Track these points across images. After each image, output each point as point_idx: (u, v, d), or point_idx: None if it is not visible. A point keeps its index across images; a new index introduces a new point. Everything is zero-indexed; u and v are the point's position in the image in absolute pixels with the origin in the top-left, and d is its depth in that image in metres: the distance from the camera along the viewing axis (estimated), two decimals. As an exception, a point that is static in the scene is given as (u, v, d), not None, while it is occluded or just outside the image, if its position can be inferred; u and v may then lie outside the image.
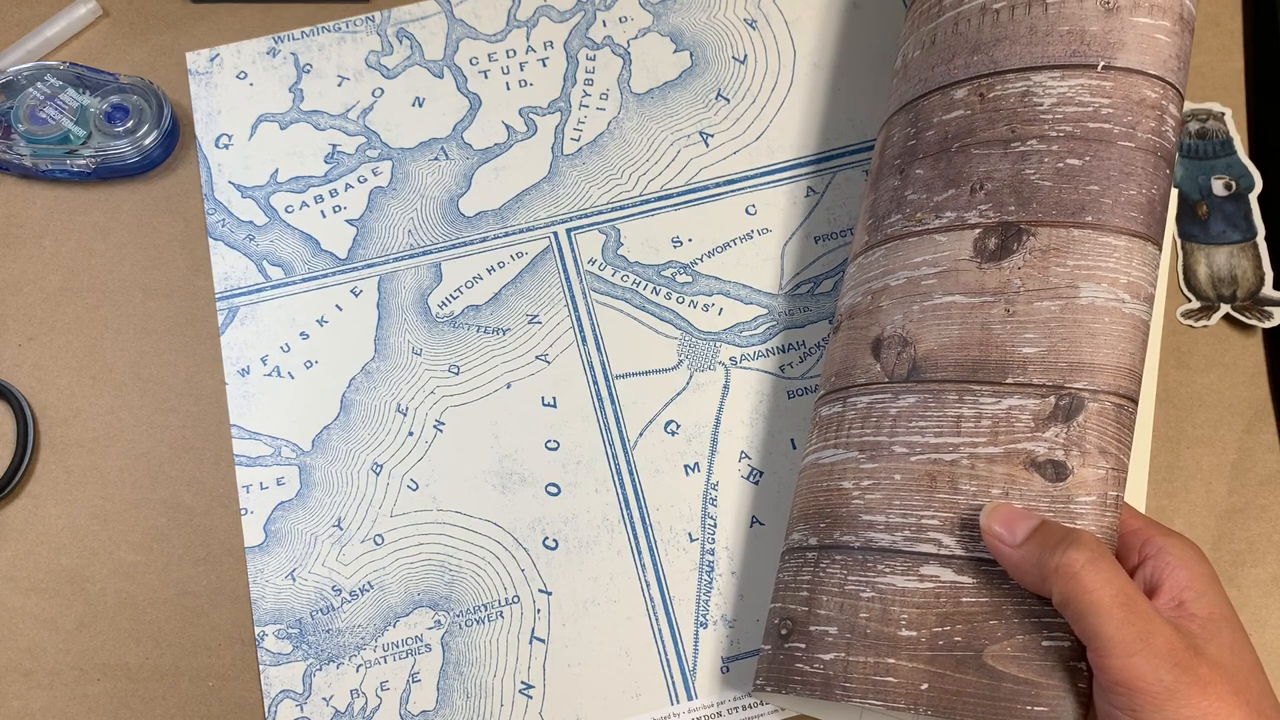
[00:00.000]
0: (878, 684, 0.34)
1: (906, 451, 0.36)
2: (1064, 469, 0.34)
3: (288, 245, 0.48)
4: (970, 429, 0.35)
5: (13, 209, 0.49)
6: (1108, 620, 0.30)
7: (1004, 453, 0.34)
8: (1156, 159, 0.36)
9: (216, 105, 0.51)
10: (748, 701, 0.42)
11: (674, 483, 0.45)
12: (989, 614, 0.33)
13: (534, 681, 0.42)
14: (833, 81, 0.50)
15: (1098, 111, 0.36)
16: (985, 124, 0.38)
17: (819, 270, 0.47)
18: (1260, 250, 0.46)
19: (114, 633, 0.44)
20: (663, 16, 0.52)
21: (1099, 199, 0.35)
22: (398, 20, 0.52)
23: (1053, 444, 0.34)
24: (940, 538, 0.35)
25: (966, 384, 0.36)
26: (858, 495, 0.37)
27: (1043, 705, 0.32)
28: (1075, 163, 0.36)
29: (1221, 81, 0.50)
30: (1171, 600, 0.32)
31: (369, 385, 0.46)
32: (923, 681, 0.33)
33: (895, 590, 0.35)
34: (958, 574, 0.34)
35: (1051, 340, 0.35)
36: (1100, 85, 0.36)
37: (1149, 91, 0.36)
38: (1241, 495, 0.44)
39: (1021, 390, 0.35)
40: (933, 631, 0.34)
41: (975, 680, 0.33)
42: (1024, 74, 0.38)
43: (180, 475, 0.45)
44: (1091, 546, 0.31)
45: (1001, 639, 0.33)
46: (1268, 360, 0.46)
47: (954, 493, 0.35)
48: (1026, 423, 0.34)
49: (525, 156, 0.49)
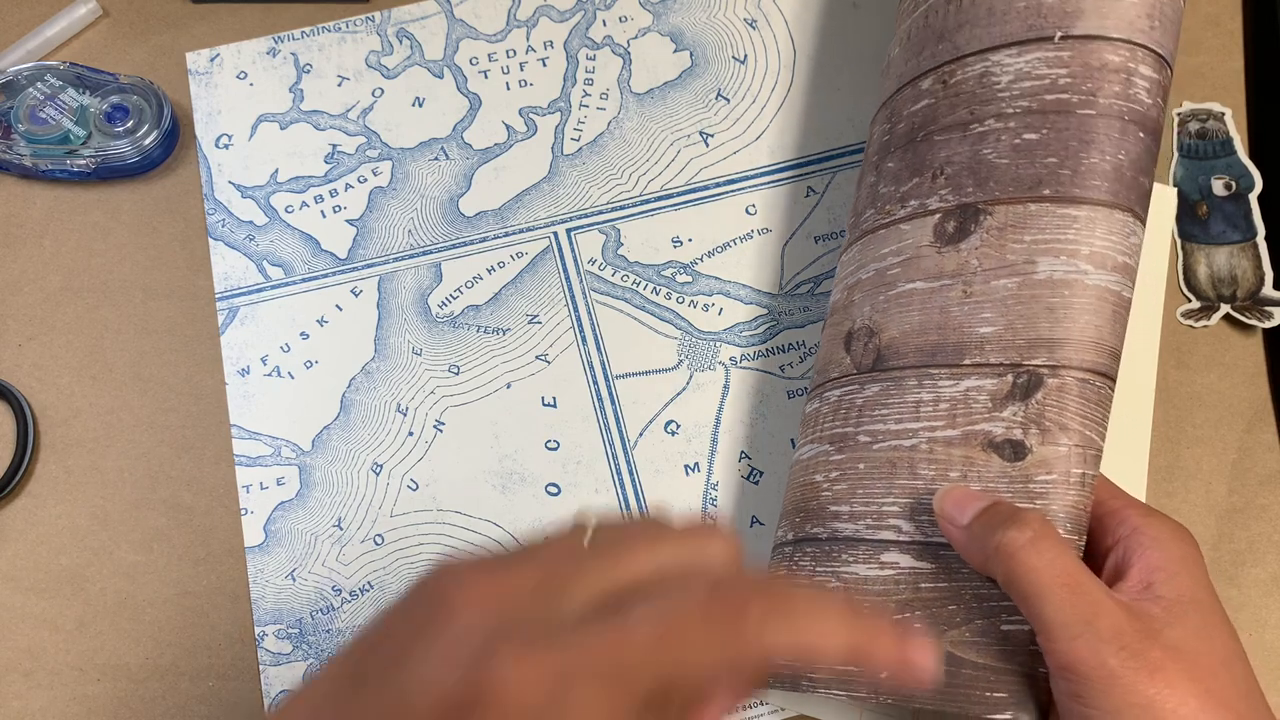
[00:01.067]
0: (840, 674, 0.34)
1: (870, 440, 0.36)
2: (1022, 448, 0.33)
3: (288, 245, 0.48)
4: (929, 413, 0.35)
5: (13, 209, 0.49)
6: (1048, 602, 0.29)
7: (962, 435, 0.34)
8: (1124, 123, 0.35)
9: (216, 105, 0.51)
10: (747, 701, 0.42)
11: (674, 483, 0.45)
12: (947, 599, 0.33)
13: (534, 681, 0.42)
14: (833, 81, 0.50)
15: (1055, 83, 0.35)
16: (947, 110, 0.38)
17: (819, 270, 0.47)
18: (1260, 250, 0.46)
19: (114, 633, 0.44)
20: (663, 16, 0.52)
21: (1057, 171, 0.34)
22: (398, 20, 0.52)
23: (1010, 423, 0.33)
24: (900, 524, 0.34)
25: (925, 369, 0.35)
26: (827, 487, 0.37)
27: (1002, 691, 0.31)
28: (1032, 137, 0.35)
29: (1221, 81, 0.50)
30: (1140, 582, 0.31)
31: (369, 385, 0.46)
32: (883, 670, 0.33)
33: (858, 579, 0.35)
34: (916, 560, 0.34)
35: (1009, 318, 0.34)
36: (1058, 56, 0.35)
37: (1111, 56, 0.35)
38: (1241, 495, 0.44)
39: (979, 371, 0.34)
40: (893, 620, 0.33)
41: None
42: (983, 55, 0.37)
43: (180, 475, 0.45)
44: (1034, 525, 0.30)
45: (960, 624, 0.32)
46: (1268, 360, 0.46)
47: (913, 478, 0.34)
48: (984, 403, 0.34)
49: (525, 156, 0.49)
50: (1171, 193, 0.47)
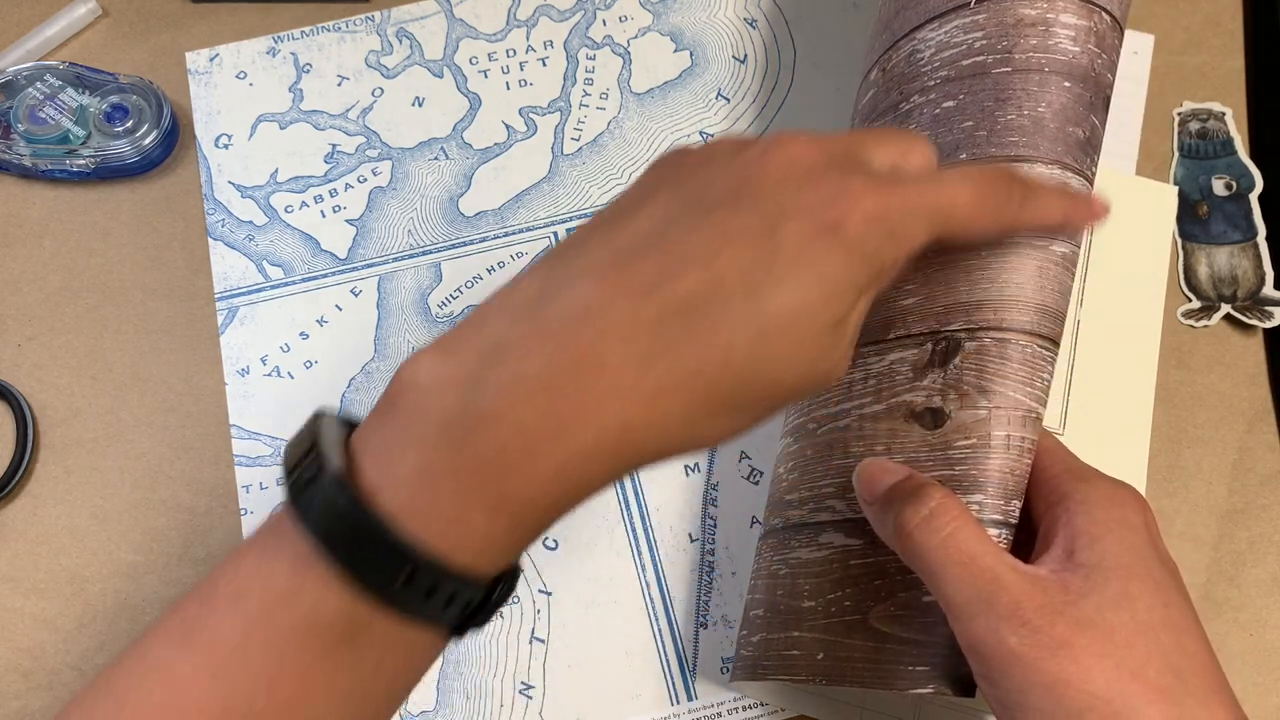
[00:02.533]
0: (785, 658, 0.34)
1: (815, 427, 0.36)
2: (941, 414, 0.32)
3: (288, 245, 0.48)
4: (859, 391, 0.35)
5: (13, 209, 0.49)
6: (946, 581, 0.28)
7: (886, 408, 0.34)
8: (1043, 75, 0.33)
9: (216, 105, 0.51)
10: (748, 702, 0.42)
11: (674, 483, 0.45)
12: (874, 574, 0.32)
13: (534, 682, 0.42)
14: (833, 81, 0.50)
15: (971, 47, 0.35)
16: (883, 96, 0.38)
17: (819, 270, 0.47)
18: (1261, 250, 0.46)
19: (114, 633, 0.43)
20: (663, 16, 0.51)
21: (973, 134, 0.34)
22: (398, 20, 0.52)
23: (930, 391, 0.33)
24: (834, 504, 0.34)
25: (857, 349, 0.35)
26: (785, 477, 0.37)
27: (923, 665, 0.30)
28: (950, 105, 0.35)
29: (1221, 81, 0.50)
30: (1062, 552, 0.29)
31: (369, 385, 0.46)
32: (819, 651, 0.33)
33: (800, 563, 0.35)
34: (848, 537, 0.34)
35: (929, 286, 0.34)
36: (974, 20, 0.35)
37: (1026, 10, 0.34)
38: (1242, 495, 0.44)
39: (901, 343, 0.34)
40: (827, 599, 0.33)
41: (862, 644, 0.32)
42: (910, 35, 0.37)
43: (180, 475, 0.45)
44: (929, 502, 0.29)
45: (885, 599, 0.32)
46: (1268, 360, 0.46)
47: (845, 457, 0.34)
48: (906, 374, 0.33)
49: (525, 156, 0.49)
50: (1172, 192, 0.47)
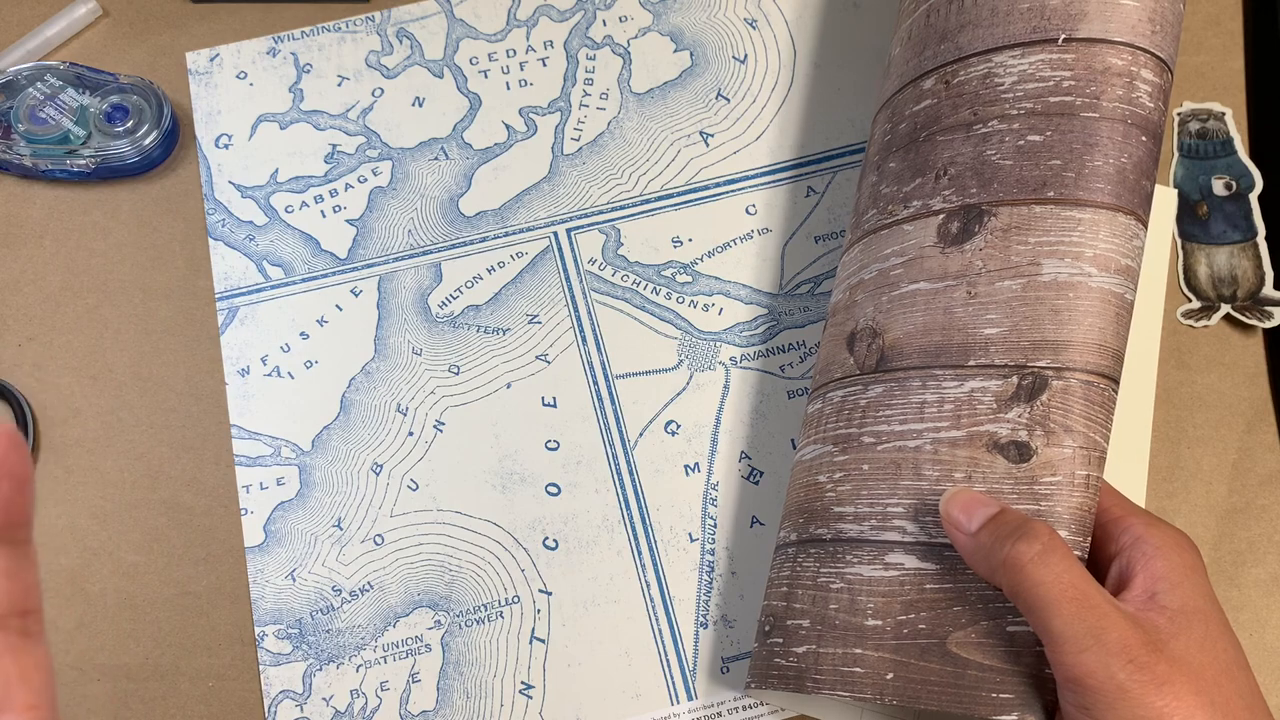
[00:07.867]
0: (845, 675, 0.34)
1: (874, 441, 0.36)
2: (1027, 449, 0.33)
3: (288, 245, 0.48)
4: (934, 414, 0.35)
5: (13, 209, 0.49)
6: (1056, 615, 0.29)
7: (966, 435, 0.34)
8: (1127, 126, 0.35)
9: (216, 105, 0.51)
10: (748, 702, 0.42)
11: (674, 483, 0.45)
12: (952, 600, 0.33)
13: (534, 681, 0.42)
14: (833, 81, 0.50)
15: (1059, 85, 0.35)
16: (950, 110, 0.38)
17: (819, 270, 0.47)
18: (1261, 250, 0.46)
19: (114, 633, 0.44)
20: (663, 16, 0.51)
21: (1061, 173, 0.35)
22: (398, 20, 0.52)
23: (1015, 424, 0.33)
24: (904, 525, 0.34)
25: (929, 369, 0.35)
26: (830, 488, 0.37)
27: (1008, 692, 0.31)
28: (1036, 139, 0.35)
29: (1221, 81, 0.50)
30: (1144, 592, 0.31)
31: (369, 385, 0.46)
32: (888, 671, 0.33)
33: (862, 580, 0.35)
34: (921, 561, 0.34)
35: (1014, 320, 0.34)
36: (1061, 58, 0.36)
37: (1114, 59, 0.35)
38: (1242, 495, 0.44)
39: (984, 372, 0.34)
40: (897, 620, 0.33)
41: (939, 668, 0.32)
42: (986, 56, 0.37)
43: (180, 475, 0.45)
44: (1043, 539, 0.30)
45: (965, 626, 0.32)
46: (1268, 360, 0.46)
47: (917, 479, 0.34)
48: (989, 404, 0.34)
49: (525, 156, 0.49)
50: (1172, 193, 0.47)
